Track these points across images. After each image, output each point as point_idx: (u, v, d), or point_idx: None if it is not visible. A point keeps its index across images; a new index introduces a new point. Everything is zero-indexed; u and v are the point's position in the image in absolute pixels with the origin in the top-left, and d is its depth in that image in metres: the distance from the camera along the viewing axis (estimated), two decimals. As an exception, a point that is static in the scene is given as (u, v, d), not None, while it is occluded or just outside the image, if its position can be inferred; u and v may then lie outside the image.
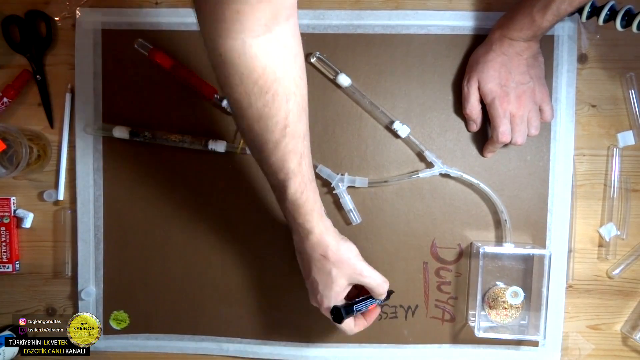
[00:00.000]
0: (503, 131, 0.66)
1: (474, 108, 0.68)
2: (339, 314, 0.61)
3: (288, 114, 0.50)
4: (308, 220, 0.58)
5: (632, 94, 0.70)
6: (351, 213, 0.70)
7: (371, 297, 0.64)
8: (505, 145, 0.69)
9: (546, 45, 0.70)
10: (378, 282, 0.62)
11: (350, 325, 0.63)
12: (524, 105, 0.65)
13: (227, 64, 0.47)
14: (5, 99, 0.71)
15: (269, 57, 0.47)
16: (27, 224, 0.73)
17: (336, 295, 0.60)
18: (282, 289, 0.73)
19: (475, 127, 0.70)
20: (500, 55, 0.65)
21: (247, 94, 0.48)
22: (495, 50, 0.65)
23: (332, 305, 0.61)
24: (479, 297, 0.69)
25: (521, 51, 0.65)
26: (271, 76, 0.48)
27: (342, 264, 0.59)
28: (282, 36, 0.48)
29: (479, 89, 0.67)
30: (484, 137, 0.71)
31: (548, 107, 0.67)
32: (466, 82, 0.68)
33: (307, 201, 0.57)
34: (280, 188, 0.56)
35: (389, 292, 0.66)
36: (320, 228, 0.58)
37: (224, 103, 0.69)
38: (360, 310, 0.63)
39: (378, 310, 0.67)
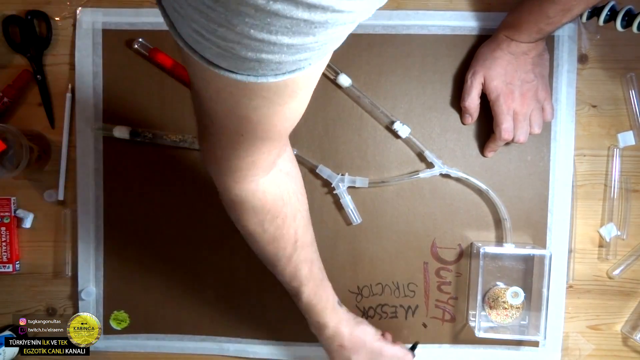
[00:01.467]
0: (506, 128, 0.66)
1: (473, 101, 0.68)
2: None
3: (297, 229, 0.55)
4: (322, 317, 0.61)
5: (633, 94, 0.70)
6: (351, 213, 0.70)
7: None
8: (507, 143, 0.69)
9: (546, 45, 0.70)
10: (399, 357, 0.64)
11: (410, 356, 0.65)
12: (528, 103, 0.66)
13: (241, 203, 0.51)
14: (5, 99, 0.71)
15: (277, 188, 0.52)
16: (28, 224, 0.73)
17: None
18: (282, 289, 0.73)
19: (470, 120, 0.70)
20: (508, 54, 0.65)
21: (261, 223, 0.52)
22: (502, 49, 0.65)
23: None
24: (479, 297, 0.69)
25: (528, 51, 0.65)
26: (280, 203, 0.52)
27: (359, 349, 0.62)
28: (283, 165, 0.53)
29: (483, 84, 0.67)
30: (484, 137, 0.71)
31: (549, 106, 0.67)
32: (471, 74, 0.68)
33: (319, 301, 0.61)
34: (295, 293, 0.60)
35: (414, 345, 0.68)
36: (334, 321, 0.62)
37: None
38: None
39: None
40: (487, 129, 0.71)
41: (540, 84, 0.66)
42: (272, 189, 0.51)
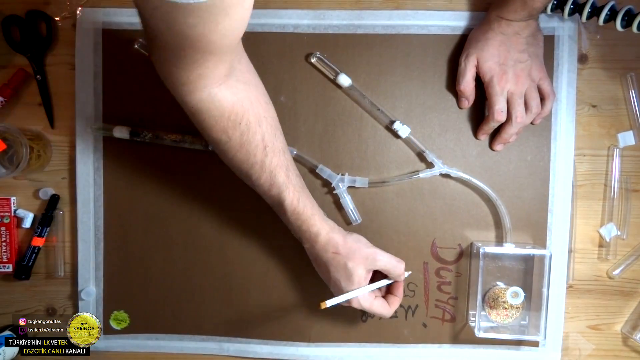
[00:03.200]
0: (499, 109, 0.66)
1: (468, 84, 0.68)
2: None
3: (264, 135, 0.57)
4: (312, 225, 0.61)
5: (633, 94, 0.70)
6: (351, 213, 0.70)
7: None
8: (502, 126, 0.68)
9: (547, 45, 0.70)
10: (393, 264, 0.64)
11: (384, 307, 0.65)
12: (522, 82, 0.65)
13: (200, 113, 0.54)
14: (1, 98, 0.70)
15: (234, 95, 0.54)
16: (27, 223, 0.73)
17: (359, 286, 0.62)
18: (283, 289, 0.73)
19: (467, 103, 0.70)
20: (499, 34, 0.65)
21: (224, 130, 0.55)
22: (494, 29, 0.65)
23: (361, 299, 0.62)
24: (479, 297, 0.69)
25: (520, 30, 0.65)
26: (240, 109, 0.55)
27: (354, 254, 0.62)
28: (240, 75, 0.55)
29: (476, 66, 0.67)
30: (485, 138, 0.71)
31: (546, 83, 0.67)
32: (464, 57, 0.68)
33: (305, 207, 0.61)
34: (277, 203, 0.61)
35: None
36: (325, 229, 0.62)
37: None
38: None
39: (402, 284, 0.68)
40: (481, 119, 0.71)
41: (534, 63, 0.66)
42: (228, 97, 0.54)
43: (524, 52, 0.65)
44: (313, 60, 0.70)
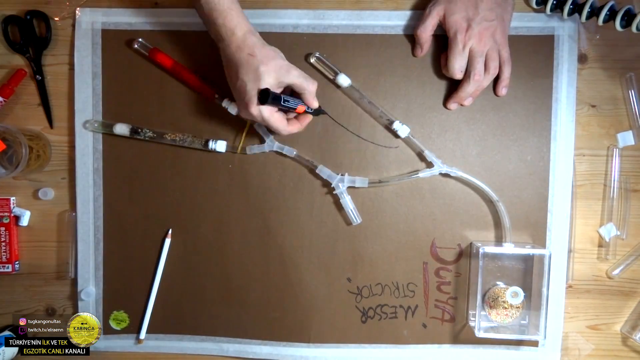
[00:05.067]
0: (459, 68, 0.66)
1: (426, 30, 0.68)
2: (265, 94, 0.59)
3: None
4: (229, 19, 0.59)
5: (632, 94, 0.70)
6: (351, 213, 0.70)
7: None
8: (461, 84, 0.68)
9: (546, 45, 0.70)
10: (305, 78, 0.62)
11: (282, 121, 0.63)
12: (485, 42, 0.65)
13: None
14: (0, 98, 0.70)
15: None
16: (24, 222, 0.73)
17: (258, 90, 0.60)
18: (282, 289, 0.73)
19: (420, 52, 0.70)
20: None
21: None
22: None
23: (263, 107, 0.60)
24: (479, 297, 0.69)
25: None
26: None
27: (269, 60, 0.59)
28: None
29: (442, 17, 0.67)
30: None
31: (505, 50, 0.67)
32: (432, 4, 0.67)
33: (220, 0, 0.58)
34: None
35: (320, 110, 0.67)
36: (243, 28, 0.59)
37: (224, 103, 0.69)
38: (288, 103, 0.62)
39: (310, 117, 0.67)
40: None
41: (499, 26, 0.66)
42: None
43: (492, 11, 0.65)
44: (312, 60, 0.70)
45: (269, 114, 0.61)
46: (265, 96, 0.59)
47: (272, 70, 0.59)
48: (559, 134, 0.71)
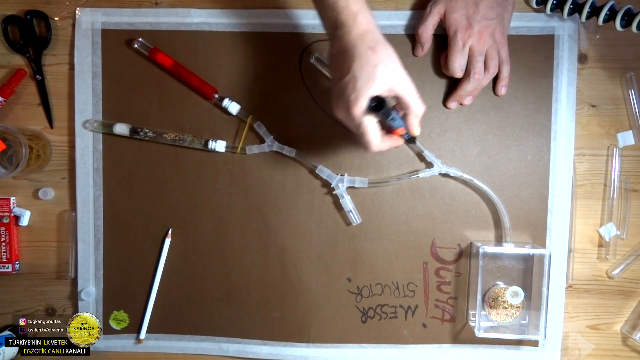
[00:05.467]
0: (458, 66, 0.66)
1: (427, 29, 0.68)
2: (380, 103, 0.54)
3: None
4: (352, 2, 0.53)
5: (632, 94, 0.70)
6: (351, 213, 0.70)
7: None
8: (461, 82, 0.68)
9: (547, 44, 0.70)
10: (417, 97, 0.56)
11: (378, 137, 0.56)
12: (484, 40, 0.65)
13: None
14: (0, 98, 0.70)
15: None
16: (24, 221, 0.73)
17: (374, 94, 0.54)
18: (282, 289, 0.73)
19: (420, 51, 0.70)
20: None
21: None
22: None
23: (365, 102, 0.53)
24: (479, 297, 0.69)
25: None
26: None
27: (390, 62, 0.54)
28: None
29: (443, 16, 0.66)
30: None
31: (504, 49, 0.67)
32: (432, 3, 0.67)
33: None
34: None
35: (414, 139, 0.62)
36: (367, 16, 0.54)
37: (224, 103, 0.69)
38: (392, 121, 0.57)
39: (401, 142, 0.61)
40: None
41: (499, 25, 0.66)
42: None
43: (492, 10, 0.65)
44: (312, 60, 0.70)
45: (371, 123, 0.55)
46: (380, 106, 0.54)
47: (390, 75, 0.54)
48: (559, 133, 0.71)
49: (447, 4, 0.66)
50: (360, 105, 0.53)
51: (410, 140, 0.61)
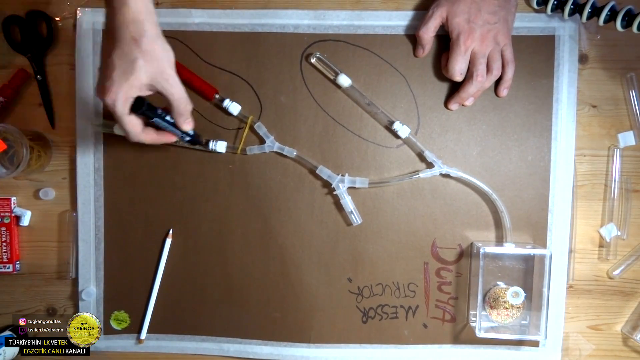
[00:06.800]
0: (459, 70, 0.66)
1: (429, 31, 0.67)
2: (140, 103, 0.53)
3: None
4: None
5: (633, 94, 0.70)
6: (352, 214, 0.70)
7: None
8: (463, 85, 0.68)
9: (547, 45, 0.70)
10: (182, 96, 0.56)
11: (138, 127, 0.56)
12: (487, 44, 0.65)
13: None
14: (1, 98, 0.71)
15: None
16: (25, 221, 0.73)
17: (129, 89, 0.52)
18: (283, 289, 0.73)
19: (422, 52, 0.70)
20: None
21: None
22: None
23: (120, 94, 0.51)
24: (479, 297, 0.69)
25: None
26: None
27: (152, 59, 0.52)
28: None
29: (445, 19, 0.66)
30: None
31: (508, 50, 0.67)
32: (434, 5, 0.67)
33: None
34: None
35: (198, 138, 0.63)
36: (141, 5, 0.51)
37: (225, 103, 0.70)
38: (160, 120, 0.57)
39: (172, 137, 0.61)
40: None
41: (501, 28, 0.66)
42: None
43: (495, 14, 0.65)
44: (313, 60, 0.70)
45: (124, 114, 0.54)
46: (139, 105, 0.53)
47: (150, 72, 0.52)
48: (560, 134, 0.71)
49: (450, 8, 0.66)
50: (113, 93, 0.51)
51: (193, 141, 0.62)
